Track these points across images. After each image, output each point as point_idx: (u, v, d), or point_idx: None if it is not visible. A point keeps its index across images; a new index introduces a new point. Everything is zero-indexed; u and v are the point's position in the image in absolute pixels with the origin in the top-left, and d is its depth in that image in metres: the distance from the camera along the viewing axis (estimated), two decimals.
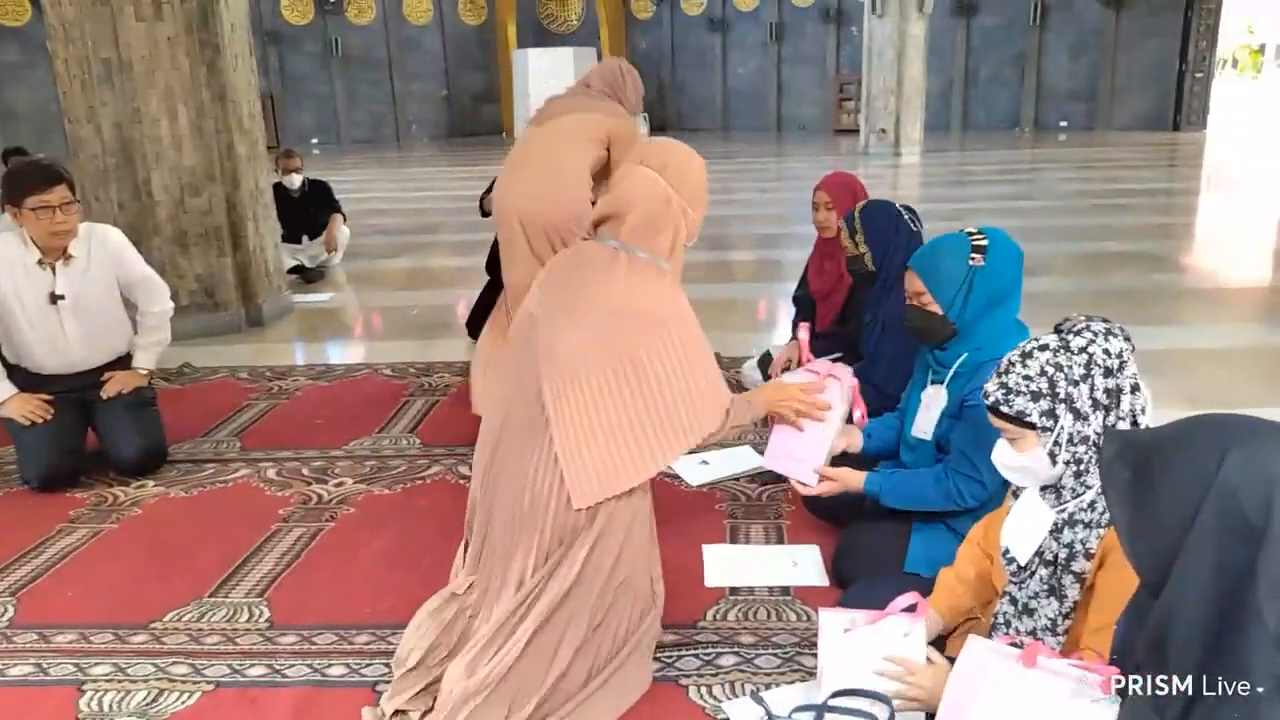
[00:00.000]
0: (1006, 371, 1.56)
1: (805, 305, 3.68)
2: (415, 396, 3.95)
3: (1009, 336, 1.99)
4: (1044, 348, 1.55)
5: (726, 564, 2.44)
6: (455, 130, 20.49)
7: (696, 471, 3.01)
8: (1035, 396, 1.52)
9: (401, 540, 2.69)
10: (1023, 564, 1.60)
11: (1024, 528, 1.61)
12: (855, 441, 2.26)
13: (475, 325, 4.20)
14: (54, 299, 3.14)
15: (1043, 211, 8.66)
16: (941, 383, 2.15)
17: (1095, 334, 1.53)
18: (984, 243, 2.08)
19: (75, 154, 4.75)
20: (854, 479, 2.17)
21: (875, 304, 2.82)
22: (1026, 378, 1.53)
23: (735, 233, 7.93)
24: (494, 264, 3.80)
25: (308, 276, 6.32)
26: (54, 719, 1.96)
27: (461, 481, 3.06)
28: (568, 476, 1.78)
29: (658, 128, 19.30)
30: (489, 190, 4.11)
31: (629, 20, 20.16)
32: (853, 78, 17.40)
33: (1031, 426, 1.53)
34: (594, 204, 2.78)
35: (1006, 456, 1.59)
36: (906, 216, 2.84)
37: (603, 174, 3.16)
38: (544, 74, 18.02)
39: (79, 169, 4.60)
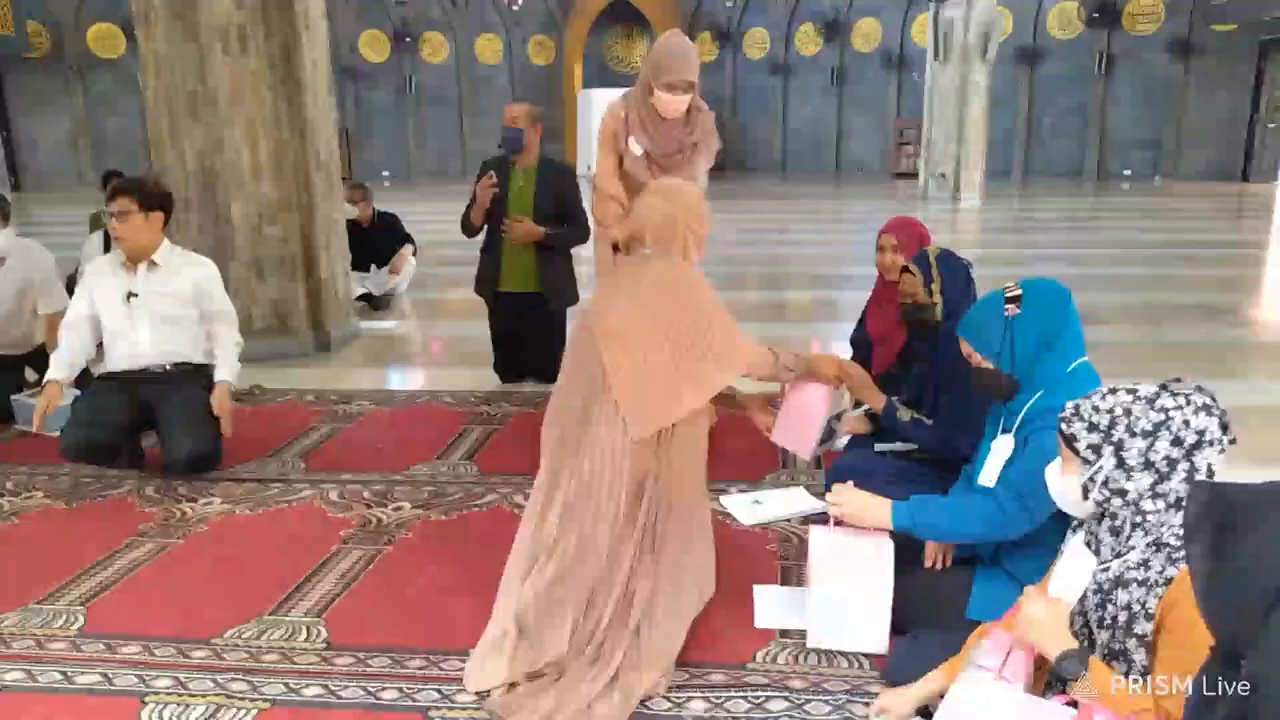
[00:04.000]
0: (1089, 396, 1.61)
1: (862, 347, 3.66)
2: (474, 425, 4.01)
3: (1077, 380, 1.99)
4: (1131, 391, 1.57)
5: (778, 605, 2.43)
6: None
7: (748, 511, 3.01)
8: (1091, 428, 1.56)
9: (456, 567, 2.72)
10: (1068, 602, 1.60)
11: (1068, 574, 1.61)
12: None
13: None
14: (129, 297, 3.44)
15: (1105, 260, 8.52)
16: (1011, 431, 2.13)
17: (1188, 402, 1.52)
18: (1017, 293, 2.12)
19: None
20: (879, 511, 2.13)
21: (936, 354, 2.80)
22: (1095, 408, 1.57)
23: (791, 273, 7.95)
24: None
25: (375, 304, 6.49)
26: None
27: (516, 511, 3.09)
28: (627, 415, 2.14)
29: (717, 168, 19.42)
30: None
31: None
32: (913, 123, 17.40)
33: (1076, 453, 1.58)
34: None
35: (1051, 473, 1.67)
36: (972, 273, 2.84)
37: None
38: None
39: None
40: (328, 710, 2.06)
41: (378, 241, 6.77)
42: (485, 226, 4.41)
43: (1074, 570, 1.61)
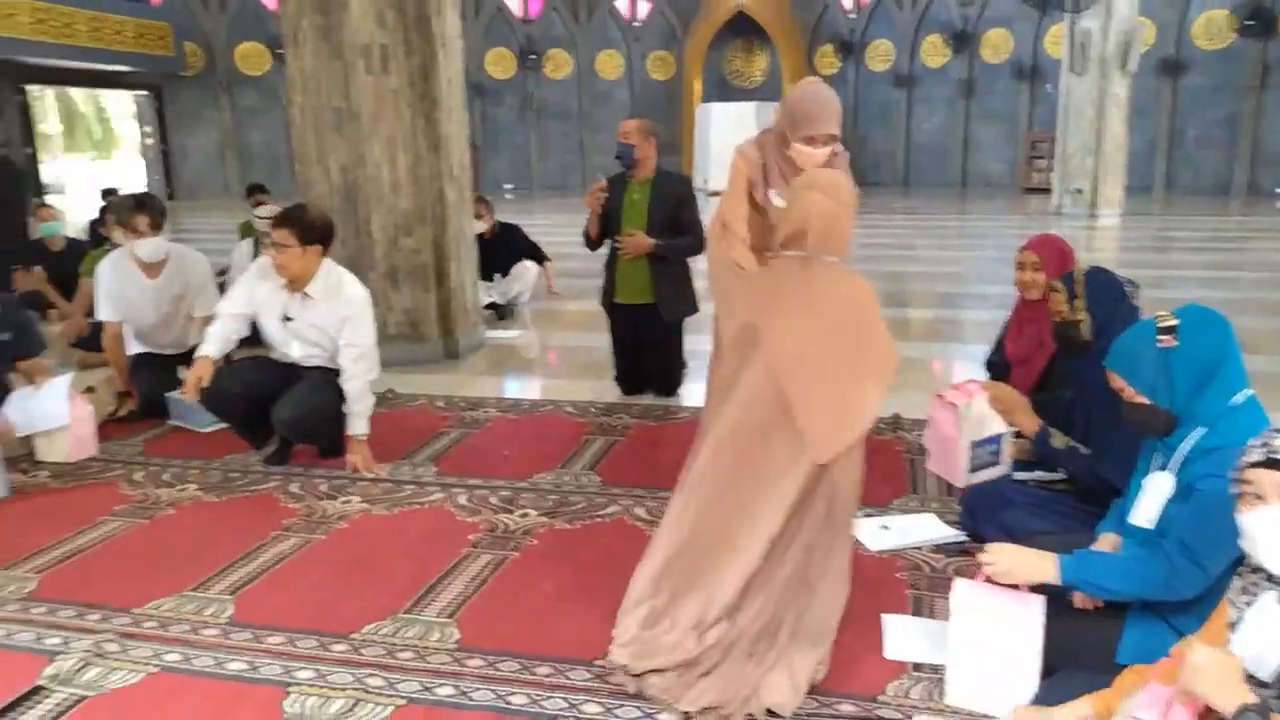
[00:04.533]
0: None
1: (999, 371, 3.54)
2: (596, 435, 4.06)
3: (1244, 415, 1.87)
4: None
5: (909, 637, 2.36)
6: None
7: (876, 537, 2.94)
8: None
9: (579, 577, 2.76)
10: (1268, 679, 1.47)
11: (1263, 639, 1.48)
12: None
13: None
14: (285, 319, 3.65)
15: (1254, 284, 7.98)
16: (1169, 468, 2.02)
17: None
18: (1172, 323, 2.00)
19: (304, 193, 5.23)
20: (1040, 566, 2.02)
21: (1084, 378, 2.68)
22: None
23: (915, 290, 7.75)
24: None
25: (500, 313, 6.68)
26: (260, 715, 2.12)
27: (638, 524, 3.12)
28: (809, 439, 2.13)
29: None
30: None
31: (812, 75, 20.19)
32: (1045, 135, 16.75)
33: None
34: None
35: (1261, 522, 1.53)
36: (1129, 289, 2.71)
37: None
38: (726, 127, 18.30)
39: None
40: (459, 711, 2.11)
41: (499, 252, 6.98)
42: (606, 240, 4.48)
43: (1268, 630, 1.49)
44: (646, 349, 4.56)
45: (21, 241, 6.00)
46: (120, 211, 4.77)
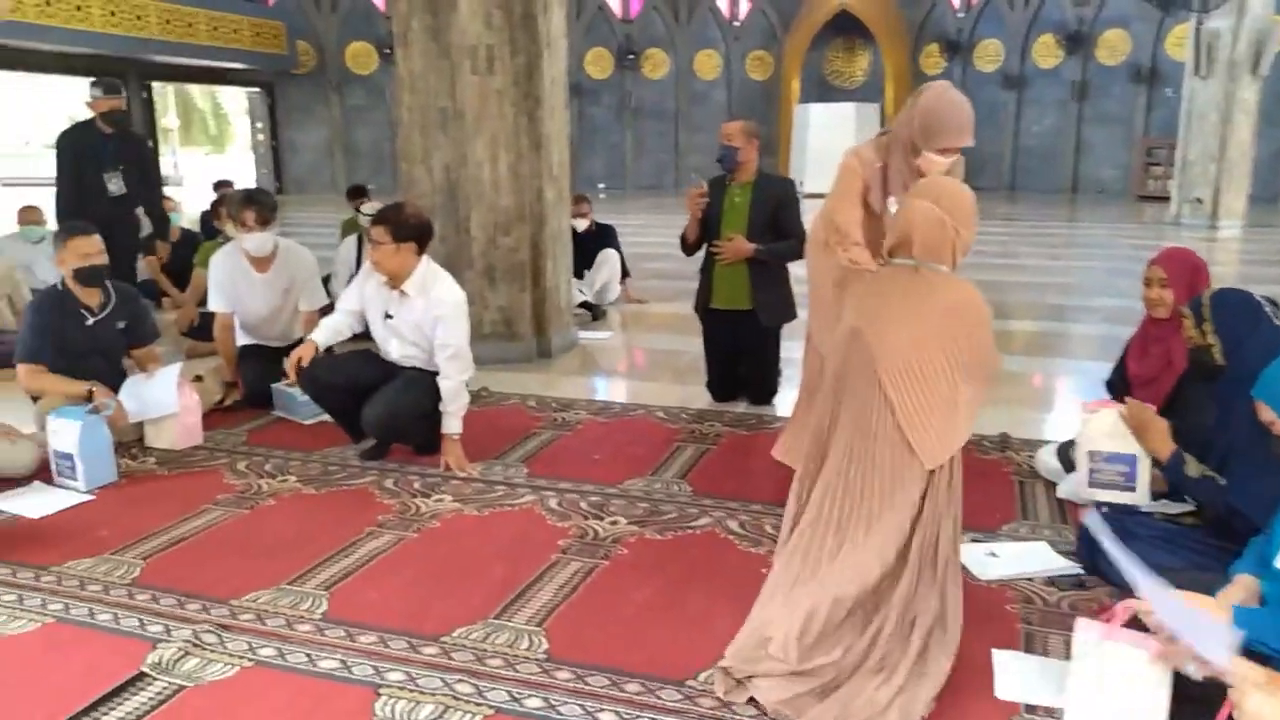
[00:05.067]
0: None
1: (1119, 391, 3.34)
2: (687, 443, 3.99)
3: None
4: None
5: (1022, 677, 2.21)
6: None
7: (984, 565, 2.78)
8: None
9: (670, 590, 2.69)
10: None
11: None
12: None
13: None
14: (386, 317, 3.71)
15: None
16: None
17: None
18: None
19: (407, 190, 5.30)
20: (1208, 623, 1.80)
21: (1224, 404, 2.49)
22: None
23: (1021, 301, 7.44)
24: None
25: (594, 313, 6.68)
26: (351, 715, 2.11)
27: (730, 537, 3.03)
28: (917, 445, 2.16)
29: None
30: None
31: (916, 75, 19.70)
32: (1163, 141, 15.99)
33: None
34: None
35: None
36: (1269, 309, 2.50)
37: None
38: (824, 128, 18.03)
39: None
40: None
41: (592, 250, 6.98)
42: (702, 244, 4.40)
43: None
44: (741, 355, 4.47)
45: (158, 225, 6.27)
46: (231, 205, 4.92)
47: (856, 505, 2.25)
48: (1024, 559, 2.81)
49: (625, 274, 7.37)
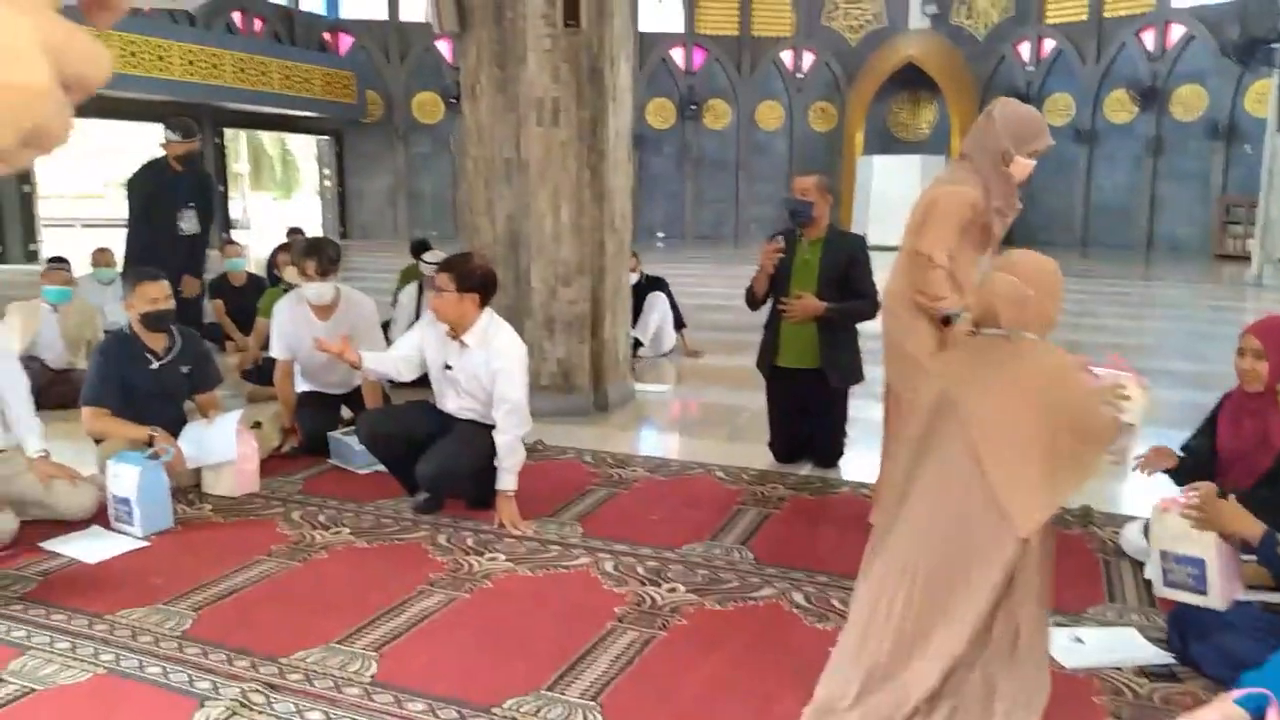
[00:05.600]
0: None
1: (1200, 458, 3.14)
2: (748, 505, 3.86)
3: None
4: None
5: None
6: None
7: (1069, 651, 2.60)
8: None
9: (732, 666, 2.56)
10: None
11: None
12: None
13: None
14: (445, 367, 3.68)
15: None
16: None
17: None
18: None
19: (470, 241, 5.32)
20: None
21: None
22: None
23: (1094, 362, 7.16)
24: None
25: (637, 348, 6.70)
26: None
27: (795, 610, 2.89)
28: (1013, 512, 2.07)
29: (1006, 240, 18.36)
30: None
31: None
32: (1243, 200, 15.53)
33: None
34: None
35: None
36: None
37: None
38: (888, 180, 17.90)
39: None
40: None
41: (639, 301, 6.95)
42: (769, 299, 4.30)
43: None
44: (807, 416, 4.34)
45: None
46: (295, 254, 4.97)
47: (937, 577, 2.14)
48: (1112, 646, 2.62)
49: (680, 324, 7.30)
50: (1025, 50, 20.07)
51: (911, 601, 2.14)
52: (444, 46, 20.08)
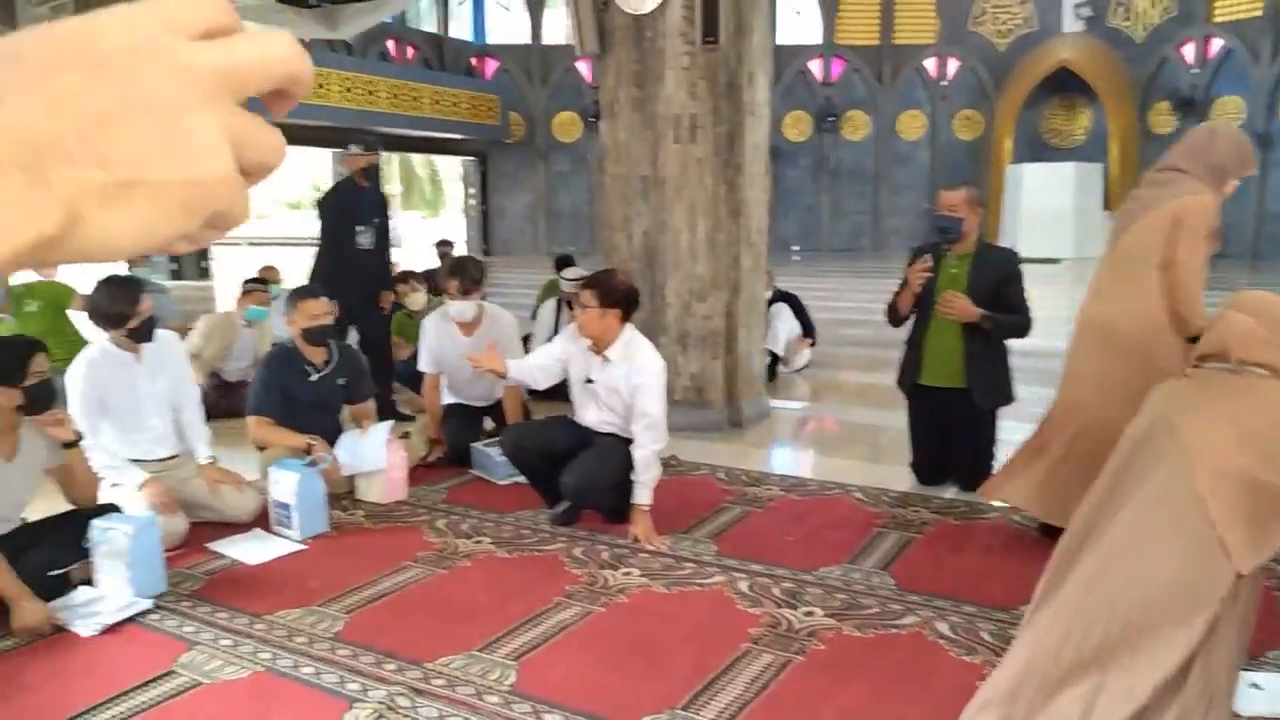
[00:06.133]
0: None
1: None
2: (889, 529, 3.74)
3: None
4: None
5: None
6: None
7: (1246, 698, 2.39)
8: None
9: (872, 696, 2.48)
10: None
11: None
12: None
13: None
14: (587, 381, 3.73)
15: None
16: None
17: None
18: None
19: (607, 258, 5.39)
20: None
21: None
22: None
23: None
24: None
25: (772, 372, 6.61)
26: None
27: (939, 641, 2.77)
28: (1230, 543, 1.95)
29: None
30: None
31: (1144, 135, 18.45)
32: None
33: None
34: None
35: None
36: None
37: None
38: (1040, 189, 17.13)
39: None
40: None
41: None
42: (912, 316, 4.17)
43: None
44: (951, 436, 4.17)
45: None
46: (441, 273, 5.13)
47: (1133, 615, 2.00)
48: None
49: (811, 338, 7.17)
50: (1190, 51, 18.84)
51: (1097, 640, 2.01)
52: (583, 67, 20.54)
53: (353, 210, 5.85)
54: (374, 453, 4.06)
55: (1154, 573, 2.01)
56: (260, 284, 6.36)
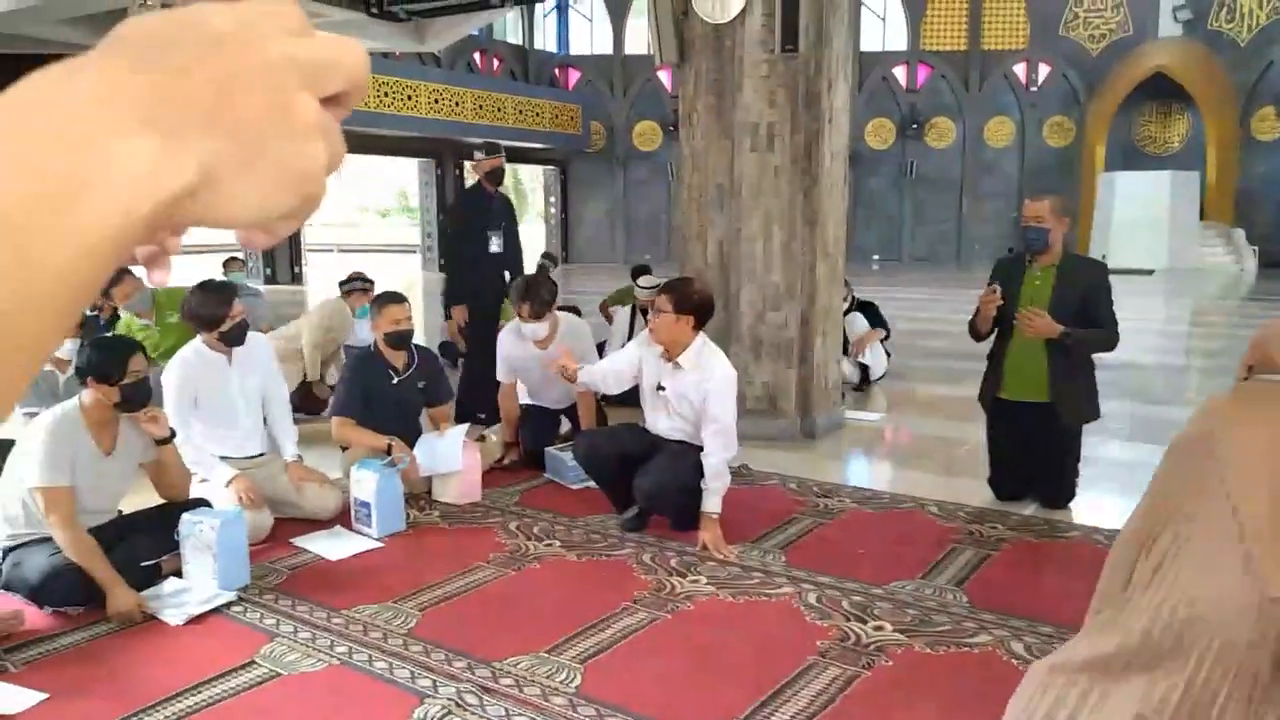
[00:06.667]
0: None
1: None
2: (964, 545, 3.66)
3: None
4: None
5: None
6: None
7: None
8: None
9: (942, 715, 2.43)
10: None
11: None
12: None
13: None
14: (658, 388, 3.76)
15: None
16: None
17: None
18: None
19: (682, 266, 5.41)
20: None
21: None
22: None
23: None
24: None
25: (857, 386, 6.48)
26: None
27: (1014, 661, 2.70)
28: (1263, 565, 1.75)
29: (1272, 263, 16.50)
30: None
31: (1246, 141, 17.65)
32: None
33: None
34: None
35: None
36: None
37: None
38: (1134, 197, 16.57)
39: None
40: None
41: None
42: (994, 331, 4.07)
43: None
44: (1033, 452, 4.05)
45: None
46: (513, 295, 4.97)
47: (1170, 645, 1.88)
48: None
49: (886, 331, 7.04)
50: None
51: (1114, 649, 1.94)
52: (665, 76, 20.65)
53: (483, 216, 5.94)
54: (450, 454, 4.15)
55: (1194, 605, 1.82)
56: (362, 282, 6.59)
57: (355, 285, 6.55)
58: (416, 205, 22.09)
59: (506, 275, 6.00)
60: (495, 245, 5.92)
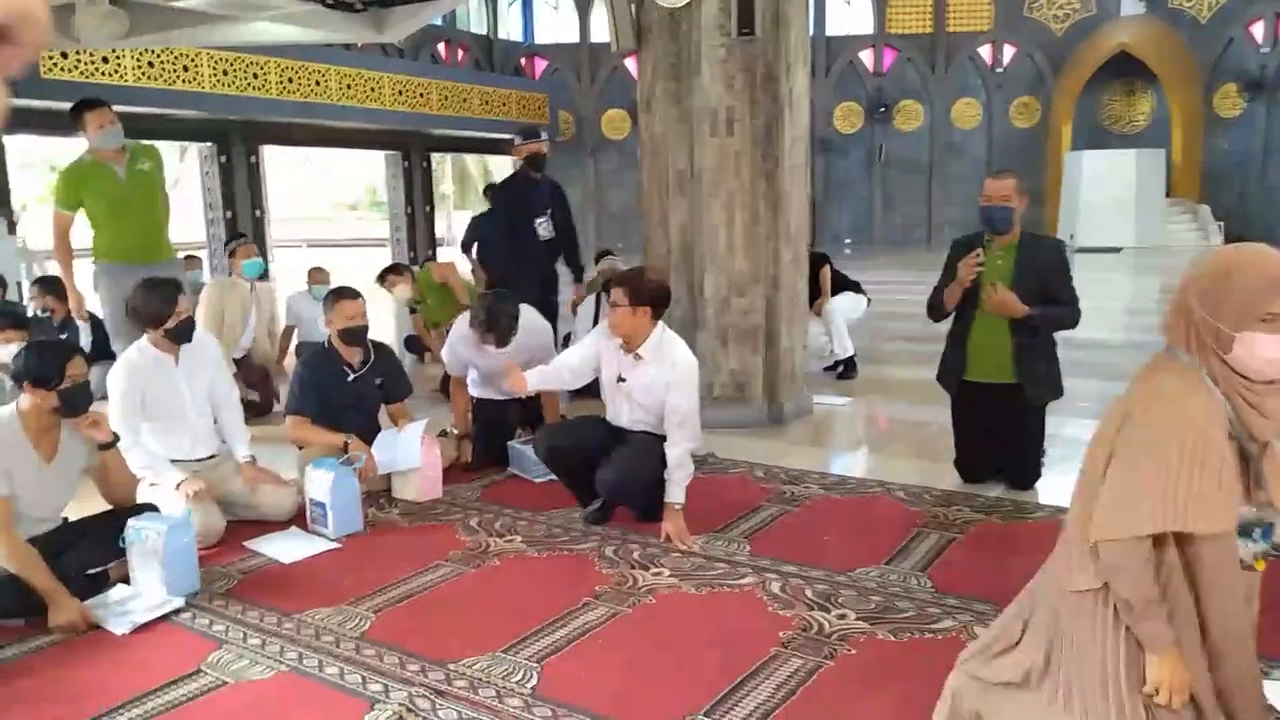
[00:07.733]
0: None
1: None
2: (929, 529, 3.63)
3: None
4: None
5: None
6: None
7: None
8: None
9: (904, 703, 2.39)
10: None
11: None
12: None
13: None
14: (619, 380, 3.70)
15: None
16: None
17: None
18: None
19: (646, 254, 5.34)
20: None
21: None
22: None
23: None
24: None
25: (841, 374, 6.58)
26: None
27: None
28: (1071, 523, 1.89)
29: (1236, 237, 16.64)
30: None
31: (1210, 119, 17.79)
32: None
33: None
34: None
35: None
36: None
37: None
38: (1100, 177, 16.68)
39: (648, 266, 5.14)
40: None
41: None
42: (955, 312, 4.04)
43: None
44: (998, 434, 4.03)
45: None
46: (477, 329, 4.72)
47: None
48: None
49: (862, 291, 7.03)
50: (1259, 30, 18.13)
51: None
52: (631, 64, 20.50)
53: (527, 202, 5.80)
54: (409, 451, 4.07)
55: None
56: (241, 238, 6.59)
57: (238, 244, 6.49)
58: (384, 199, 21.85)
59: (560, 262, 5.98)
60: (545, 232, 5.79)
